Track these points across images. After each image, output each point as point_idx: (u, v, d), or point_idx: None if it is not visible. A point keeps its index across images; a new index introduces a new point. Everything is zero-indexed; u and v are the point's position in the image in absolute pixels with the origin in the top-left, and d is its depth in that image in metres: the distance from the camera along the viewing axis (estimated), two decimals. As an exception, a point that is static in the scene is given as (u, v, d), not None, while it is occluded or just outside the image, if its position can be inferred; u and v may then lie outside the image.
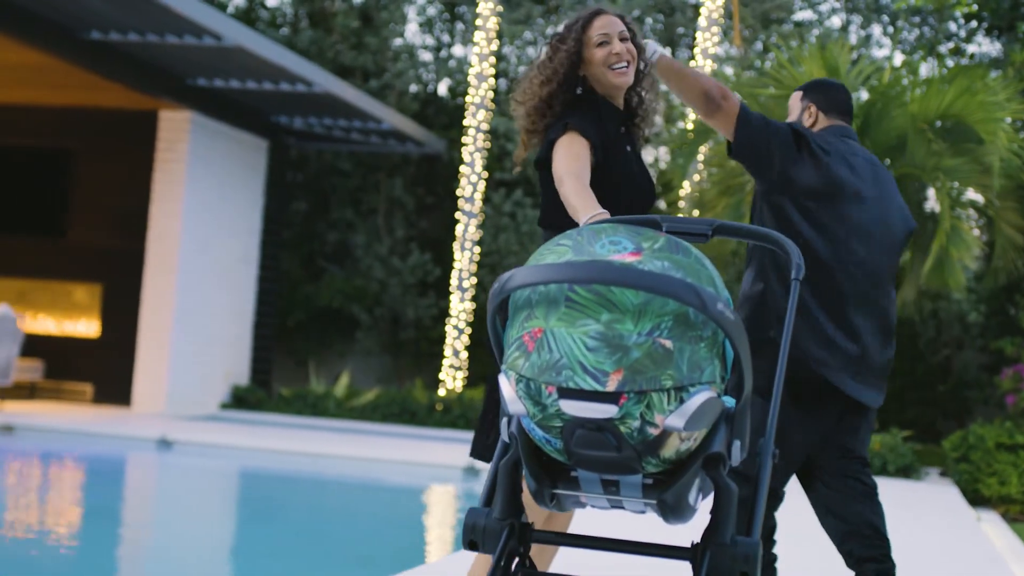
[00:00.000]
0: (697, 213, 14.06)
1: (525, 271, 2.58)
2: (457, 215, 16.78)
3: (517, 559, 2.91)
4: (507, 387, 2.67)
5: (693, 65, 16.22)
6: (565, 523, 4.19)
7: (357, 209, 19.87)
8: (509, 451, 2.89)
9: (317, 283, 19.51)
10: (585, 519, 6.58)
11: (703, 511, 2.98)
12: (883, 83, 14.18)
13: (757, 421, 3.75)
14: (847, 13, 19.82)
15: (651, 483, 2.77)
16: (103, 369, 16.50)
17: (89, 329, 16.80)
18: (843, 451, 4.70)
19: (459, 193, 16.64)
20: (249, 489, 11.05)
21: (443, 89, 20.59)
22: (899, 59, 18.77)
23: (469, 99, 16.65)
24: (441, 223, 19.70)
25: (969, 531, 9.39)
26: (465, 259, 16.38)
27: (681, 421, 2.57)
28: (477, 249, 16.73)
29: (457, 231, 16.50)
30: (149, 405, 15.63)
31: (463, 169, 16.60)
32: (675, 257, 2.63)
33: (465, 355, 16.44)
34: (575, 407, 2.57)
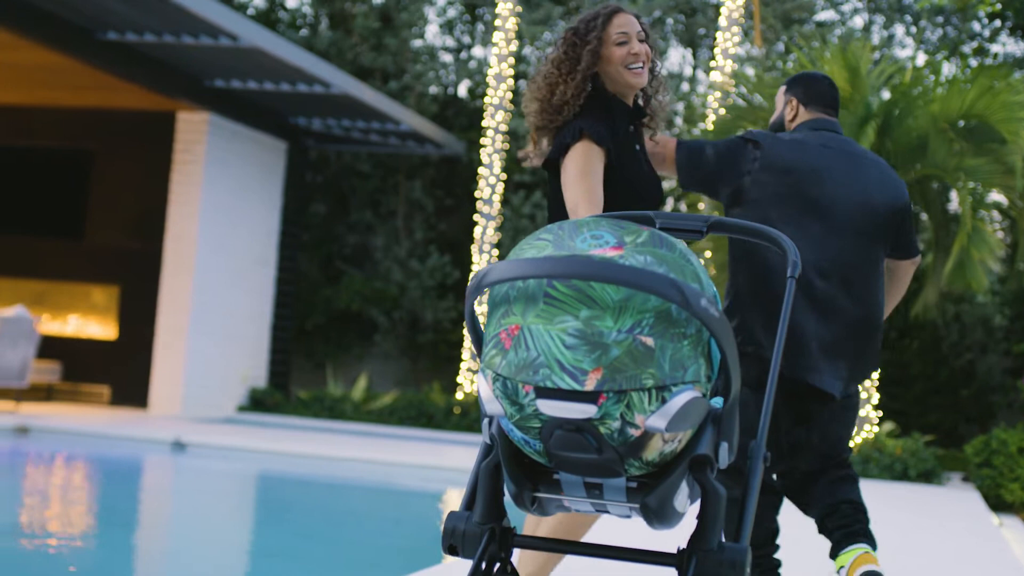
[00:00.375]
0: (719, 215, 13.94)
1: (502, 266, 2.49)
2: (475, 217, 16.69)
3: (498, 564, 2.81)
4: (484, 386, 2.57)
5: (713, 65, 16.11)
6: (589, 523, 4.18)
7: (376, 211, 19.80)
8: (491, 453, 2.79)
9: (336, 285, 19.44)
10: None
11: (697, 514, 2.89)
12: (904, 83, 14.04)
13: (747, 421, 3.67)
14: (869, 13, 19.66)
15: (635, 486, 2.68)
16: (120, 371, 16.47)
17: (106, 331, 16.77)
18: (823, 441, 4.75)
19: (477, 195, 16.56)
20: (263, 492, 10.97)
21: (463, 91, 20.52)
22: (922, 59, 18.61)
23: (488, 100, 16.57)
24: (460, 225, 19.62)
25: (989, 537, 9.25)
26: (484, 261, 16.30)
27: (663, 422, 2.47)
28: (496, 251, 16.64)
29: (476, 233, 16.41)
30: (166, 407, 15.59)
31: (481, 171, 16.52)
32: (658, 252, 2.53)
33: (483, 358, 16.33)
34: (553, 407, 2.47)
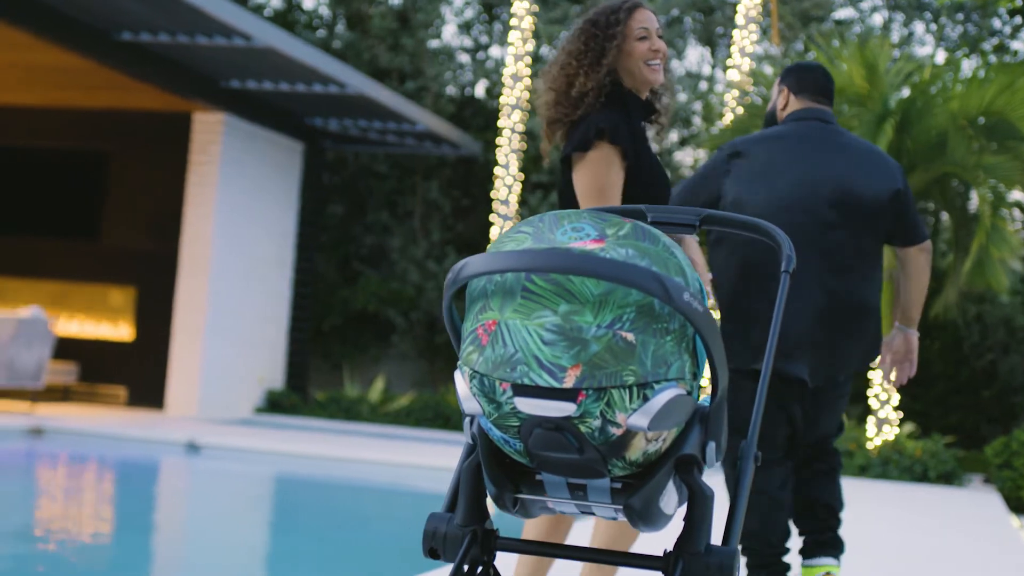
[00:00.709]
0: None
1: (479, 259, 2.41)
2: (492, 218, 16.62)
3: (481, 567, 2.73)
4: (461, 384, 2.49)
5: (730, 64, 16.02)
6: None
7: (393, 212, 19.75)
8: (473, 453, 2.71)
9: (353, 286, 19.40)
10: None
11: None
12: (923, 80, 13.94)
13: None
14: (889, 11, 19.53)
15: (620, 487, 2.59)
16: (137, 372, 16.46)
17: (123, 332, 16.76)
18: (808, 429, 4.80)
19: (494, 195, 16.49)
20: (276, 494, 10.92)
21: (480, 91, 20.45)
22: (942, 57, 18.47)
23: (504, 100, 16.49)
24: (477, 226, 19.56)
25: (1008, 539, 9.13)
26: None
27: (645, 420, 2.38)
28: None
29: (493, 234, 16.34)
30: (182, 408, 15.56)
31: (498, 171, 16.45)
32: (641, 245, 2.45)
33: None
34: (530, 405, 2.39)
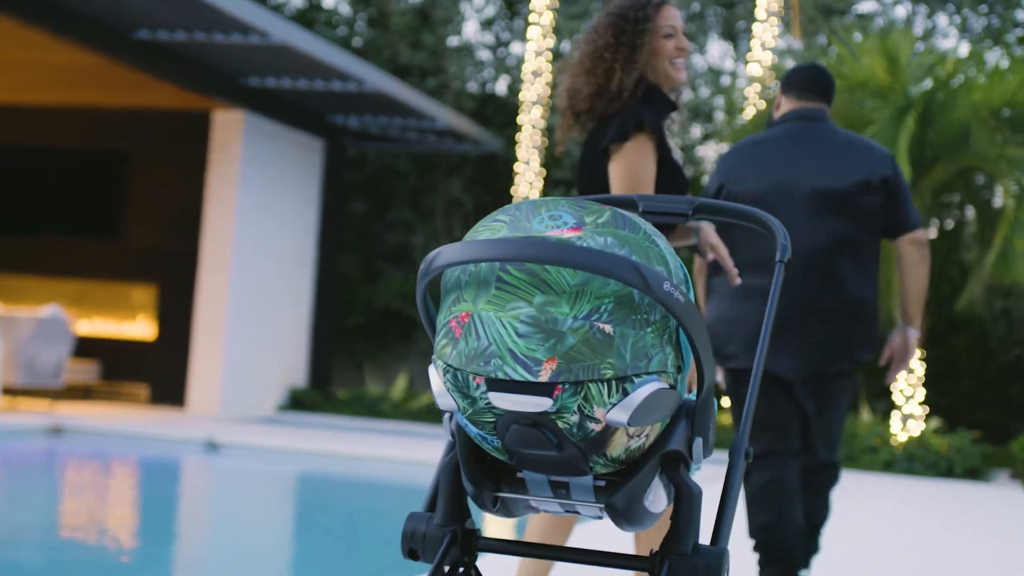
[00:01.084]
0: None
1: (451, 248, 2.32)
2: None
3: (462, 569, 2.64)
4: (435, 379, 2.40)
5: (751, 58, 15.90)
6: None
7: (416, 209, 19.69)
8: (453, 450, 2.62)
9: (375, 284, 19.34)
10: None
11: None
12: (946, 72, 13.80)
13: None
14: (912, 3, 19.35)
15: (603, 485, 2.50)
16: (158, 371, 16.43)
17: (145, 330, 16.74)
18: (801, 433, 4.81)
19: (515, 192, 16.40)
20: (294, 492, 10.86)
21: (502, 87, 20.36)
22: (965, 49, 18.29)
23: (524, 96, 16.40)
24: (500, 223, 19.45)
25: (1030, 536, 9.01)
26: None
27: (624, 415, 2.28)
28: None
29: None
30: (204, 407, 15.53)
31: (519, 168, 16.37)
32: (620, 233, 2.35)
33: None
34: (505, 400, 2.30)
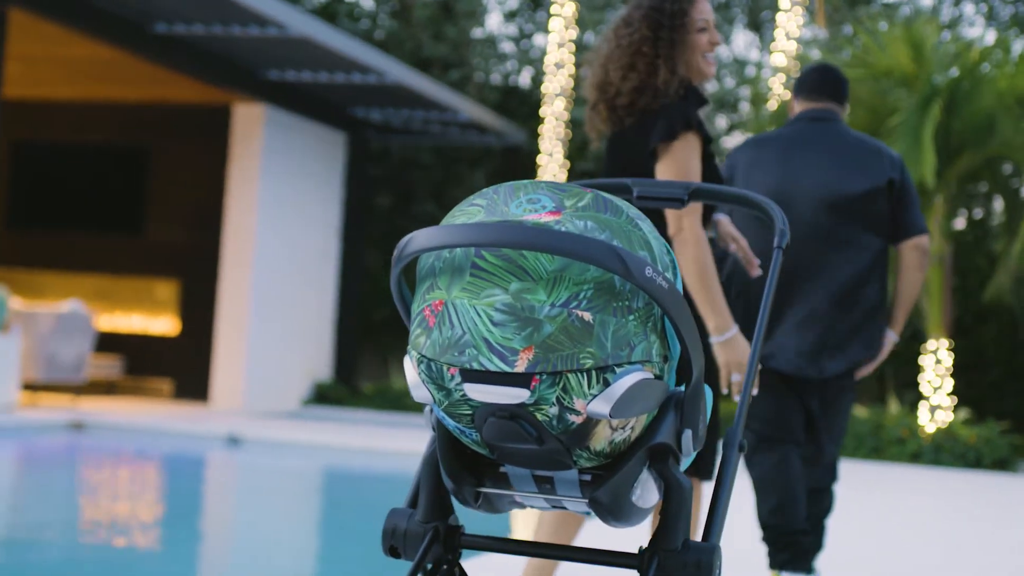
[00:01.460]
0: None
1: (424, 233, 2.22)
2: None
3: (445, 567, 2.55)
4: (410, 370, 2.31)
5: (775, 47, 15.76)
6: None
7: (440, 202, 19.60)
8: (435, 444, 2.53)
9: (401, 278, 19.24)
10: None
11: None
12: (972, 61, 13.64)
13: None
14: (939, -9, 19.17)
15: (589, 479, 2.40)
16: (182, 365, 16.41)
17: (168, 325, 16.72)
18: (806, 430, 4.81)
19: (538, 184, 16.30)
20: (315, 487, 10.80)
21: (525, 79, 20.26)
22: (992, 38, 18.10)
23: (546, 87, 16.30)
24: (525, 215, 19.36)
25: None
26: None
27: (606, 407, 2.18)
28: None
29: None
30: (228, 401, 15.49)
31: (542, 160, 16.27)
32: (601, 216, 2.25)
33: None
34: (481, 391, 2.20)
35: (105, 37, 12.89)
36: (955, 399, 15.33)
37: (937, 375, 14.33)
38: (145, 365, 16.59)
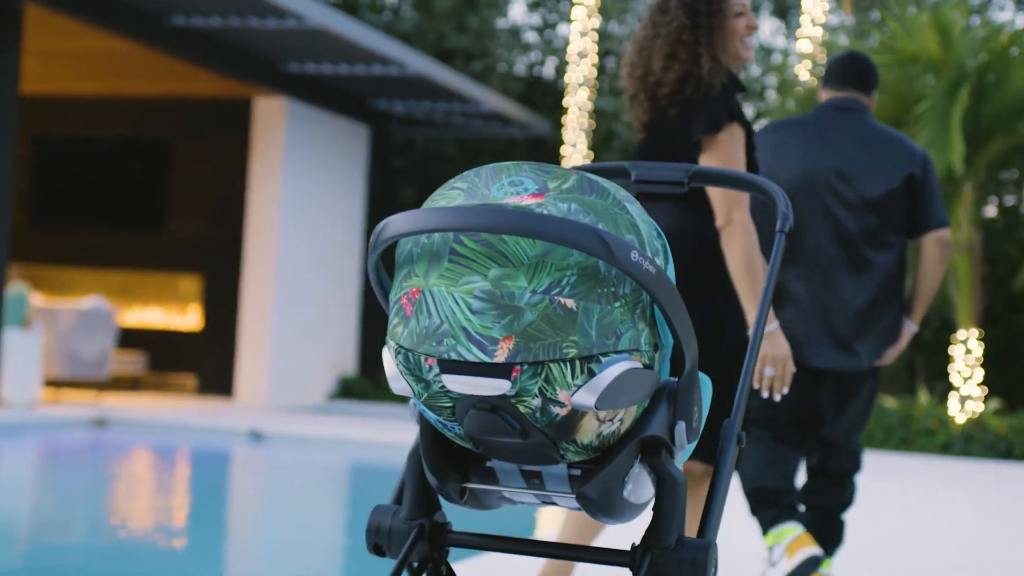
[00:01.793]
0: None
1: (400, 218, 2.12)
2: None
3: (431, 565, 2.45)
4: (388, 361, 2.21)
5: (800, 34, 15.60)
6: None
7: (464, 195, 19.50)
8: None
9: (425, 271, 19.19)
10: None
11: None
12: (1001, 45, 13.47)
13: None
14: (967, -25, 18.94)
15: (579, 474, 2.30)
16: (206, 361, 16.38)
17: (192, 320, 16.68)
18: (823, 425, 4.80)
19: (561, 175, 16.21)
20: (338, 482, 10.73)
21: (549, 70, 20.14)
22: (1021, 21, 17.88)
23: (569, 78, 16.18)
24: (549, 207, 19.27)
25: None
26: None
27: (591, 398, 2.08)
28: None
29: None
30: (252, 396, 15.44)
31: (565, 151, 16.16)
32: (586, 199, 2.15)
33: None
34: (459, 383, 2.10)
35: (121, 30, 12.83)
36: (985, 389, 15.16)
37: (967, 365, 14.17)
38: (169, 361, 16.56)
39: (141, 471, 9.83)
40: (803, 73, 15.71)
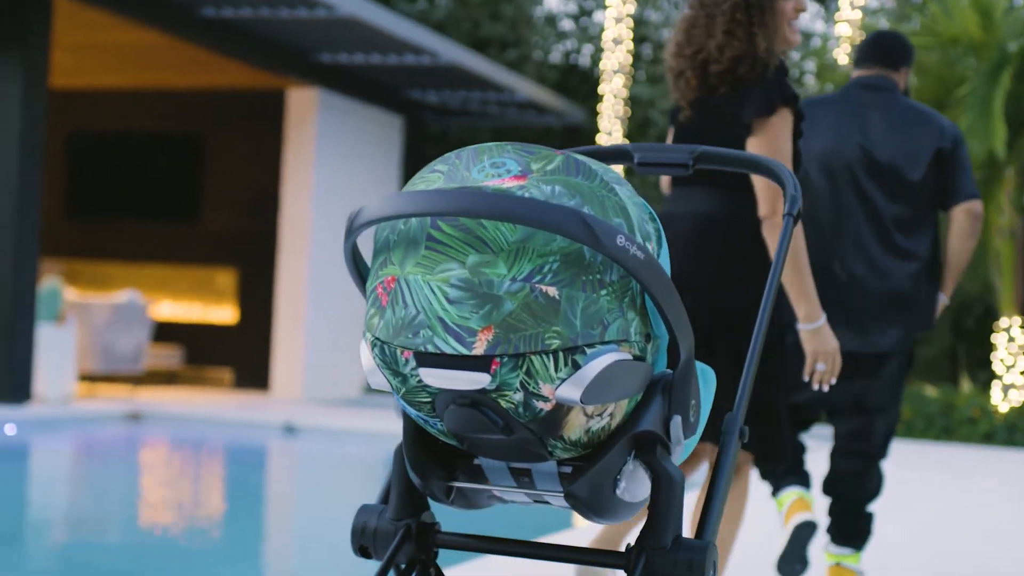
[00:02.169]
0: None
1: (375, 203, 2.01)
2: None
3: (419, 567, 2.34)
4: (365, 354, 2.10)
5: (838, 15, 15.41)
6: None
7: (500, 185, 19.40)
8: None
9: (461, 262, 19.10)
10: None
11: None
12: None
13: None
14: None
15: (570, 471, 2.18)
16: (242, 354, 16.34)
17: (227, 314, 16.64)
18: (848, 406, 4.75)
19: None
20: (371, 475, 10.65)
21: (585, 57, 20.00)
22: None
23: (604, 64, 16.03)
24: (586, 196, 19.13)
25: None
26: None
27: (576, 392, 1.96)
28: (621, 221, 16.13)
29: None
30: (288, 390, 15.40)
31: (601, 139, 16.01)
32: (572, 180, 2.03)
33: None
34: (436, 376, 1.98)
35: (151, 22, 12.77)
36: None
37: (1010, 353, 13.96)
38: (205, 354, 16.54)
39: (173, 465, 9.78)
40: (842, 57, 15.51)
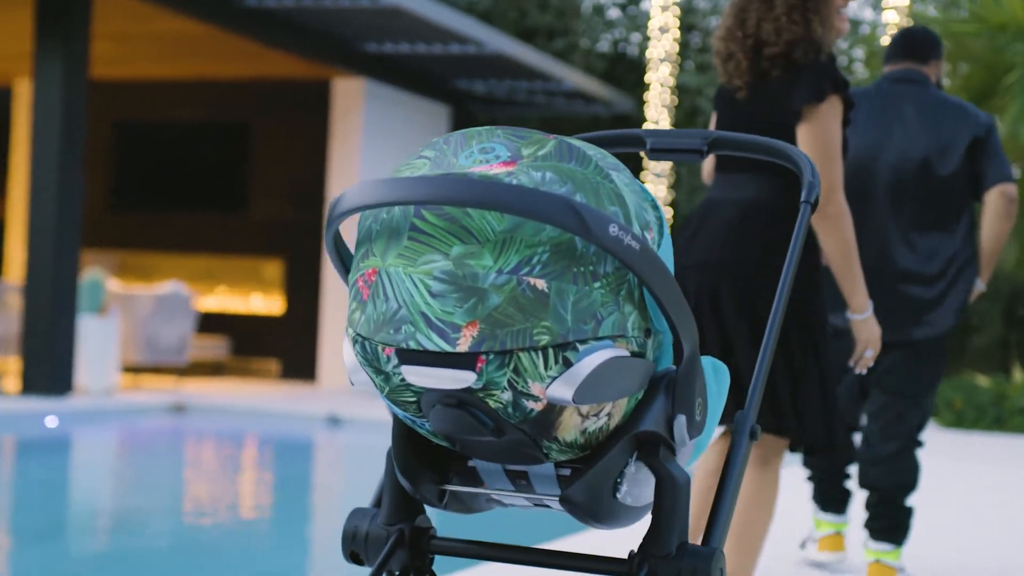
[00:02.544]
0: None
1: (355, 190, 1.90)
2: (643, 176, 16.04)
3: (414, 574, 2.23)
4: (347, 351, 1.99)
5: (886, 3, 15.18)
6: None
7: (548, 174, 19.29)
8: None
9: (509, 252, 19.02)
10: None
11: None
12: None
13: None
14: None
15: (569, 474, 2.07)
16: (288, 345, 16.31)
17: (274, 305, 16.61)
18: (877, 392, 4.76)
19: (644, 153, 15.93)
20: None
21: (633, 46, 19.83)
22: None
23: (650, 53, 15.87)
24: (635, 185, 19.00)
25: None
26: (653, 221, 15.69)
27: (568, 391, 1.84)
28: (669, 211, 15.96)
29: (648, 193, 15.79)
30: (334, 380, 15.34)
31: (648, 128, 15.87)
32: (564, 166, 1.91)
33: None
34: (420, 375, 1.87)
35: (192, 12, 12.73)
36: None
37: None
38: (252, 345, 16.52)
39: (215, 457, 9.74)
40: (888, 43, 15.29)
